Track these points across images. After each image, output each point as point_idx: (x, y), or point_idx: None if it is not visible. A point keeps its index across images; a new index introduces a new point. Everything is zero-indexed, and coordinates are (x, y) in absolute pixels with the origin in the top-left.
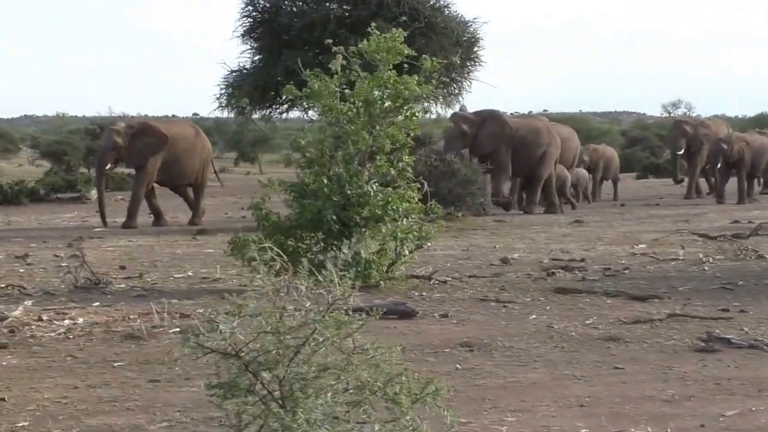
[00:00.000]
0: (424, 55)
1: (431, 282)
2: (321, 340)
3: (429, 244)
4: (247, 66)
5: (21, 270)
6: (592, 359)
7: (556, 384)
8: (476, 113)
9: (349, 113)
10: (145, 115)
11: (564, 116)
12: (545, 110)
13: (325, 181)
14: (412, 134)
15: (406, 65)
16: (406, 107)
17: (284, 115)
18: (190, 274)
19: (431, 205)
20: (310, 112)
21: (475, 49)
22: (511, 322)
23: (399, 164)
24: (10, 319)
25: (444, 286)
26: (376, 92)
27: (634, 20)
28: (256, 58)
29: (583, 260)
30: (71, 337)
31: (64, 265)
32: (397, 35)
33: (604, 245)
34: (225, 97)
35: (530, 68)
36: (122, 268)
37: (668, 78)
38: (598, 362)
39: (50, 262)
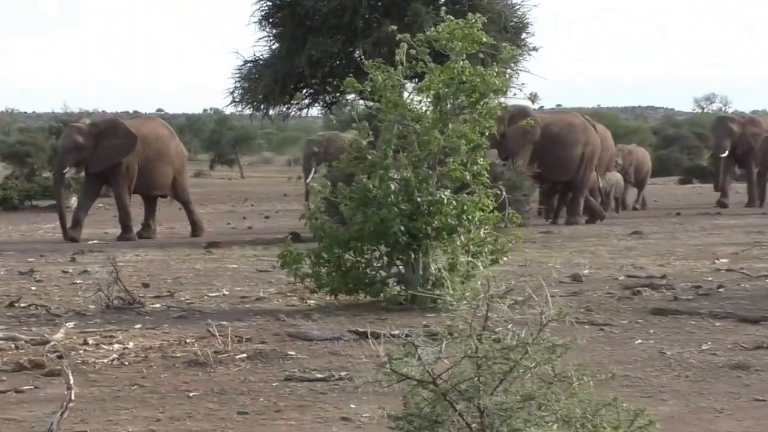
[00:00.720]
0: (503, 44)
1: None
2: (532, 365)
3: (505, 258)
4: (264, 55)
5: (33, 288)
6: (724, 390)
7: (697, 418)
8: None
9: (416, 110)
10: (103, 111)
11: (582, 112)
12: (558, 105)
13: (392, 187)
14: (487, 133)
15: (482, 55)
16: (481, 102)
17: (304, 112)
18: (225, 292)
19: (510, 213)
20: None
21: (524, 35)
22: (615, 347)
23: (474, 167)
24: (52, 343)
25: (522, 307)
26: (449, 86)
27: (660, 2)
28: (275, 46)
29: (664, 277)
30: (126, 363)
31: (78, 282)
32: (474, 21)
33: (679, 260)
34: (240, 91)
35: (540, 57)
36: (146, 285)
37: (700, 69)
38: (733, 393)
39: (61, 279)
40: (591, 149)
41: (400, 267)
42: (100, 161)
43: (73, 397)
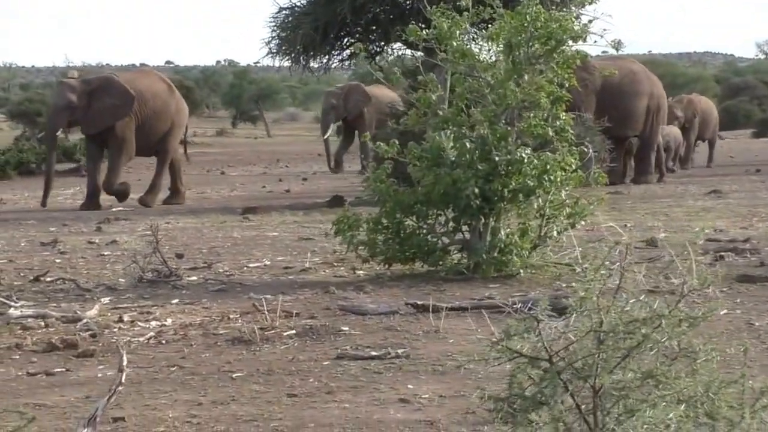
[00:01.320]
0: None
1: (577, 271)
2: (663, 339)
3: (582, 223)
4: (302, 2)
5: (57, 260)
6: None
7: None
8: None
9: (485, 60)
10: (107, 64)
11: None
12: (603, 52)
13: (468, 145)
14: (567, 85)
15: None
16: (558, 51)
17: (348, 64)
18: (266, 263)
19: (595, 173)
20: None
21: None
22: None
23: (556, 122)
24: (85, 321)
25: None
26: (521, 33)
27: None
28: None
29: (748, 240)
30: (164, 342)
31: (107, 253)
32: None
33: (763, 221)
34: (276, 42)
35: None
36: (179, 256)
37: (762, 10)
38: None
39: (87, 250)
40: (656, 101)
41: (465, 233)
42: (94, 122)
43: (123, 380)
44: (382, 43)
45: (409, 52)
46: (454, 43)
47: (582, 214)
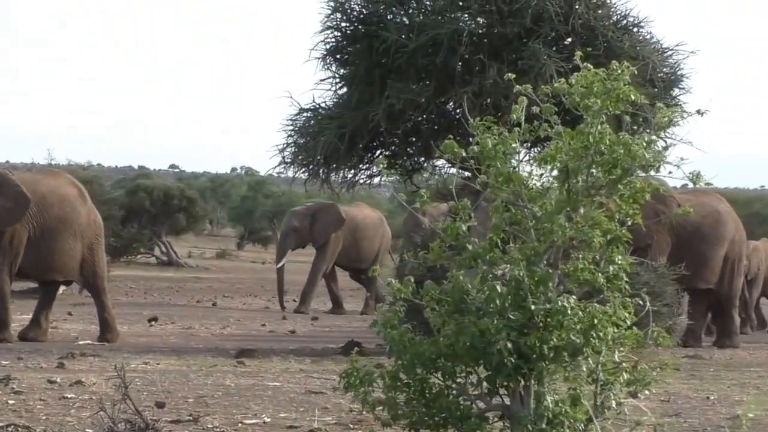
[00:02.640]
0: (658, 104)
1: None
2: None
3: (647, 392)
4: (327, 103)
5: (10, 401)
6: None
7: None
8: None
9: (535, 187)
10: (98, 164)
11: (728, 194)
12: (708, 184)
13: (498, 289)
14: (629, 222)
15: (628, 117)
16: (624, 181)
17: (377, 180)
18: (266, 419)
19: (656, 331)
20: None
21: (676, 91)
22: None
23: (609, 267)
24: None
25: None
26: (581, 157)
27: None
28: (342, 91)
29: None
30: None
31: (70, 396)
32: (619, 71)
33: None
34: (293, 149)
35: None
36: (160, 405)
37: None
38: None
39: (47, 390)
40: (737, 248)
41: (504, 396)
42: None
43: None
44: (422, 159)
45: (453, 170)
46: (499, 165)
47: (644, 381)
